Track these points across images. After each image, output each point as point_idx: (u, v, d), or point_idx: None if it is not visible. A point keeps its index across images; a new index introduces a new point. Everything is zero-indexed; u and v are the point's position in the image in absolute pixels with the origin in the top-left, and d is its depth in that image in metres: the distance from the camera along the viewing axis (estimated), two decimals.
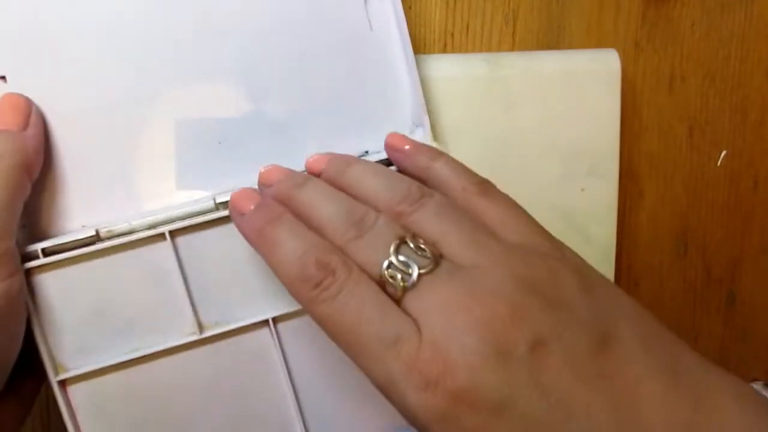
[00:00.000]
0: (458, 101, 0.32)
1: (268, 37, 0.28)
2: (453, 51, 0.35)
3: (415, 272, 0.21)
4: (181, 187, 0.28)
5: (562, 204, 0.34)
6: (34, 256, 0.25)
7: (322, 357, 0.28)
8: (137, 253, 0.26)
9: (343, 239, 0.22)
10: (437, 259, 0.21)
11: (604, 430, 0.18)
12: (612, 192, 0.34)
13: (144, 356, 0.26)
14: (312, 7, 0.28)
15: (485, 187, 0.25)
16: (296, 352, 0.28)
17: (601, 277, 0.23)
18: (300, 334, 0.28)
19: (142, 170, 0.28)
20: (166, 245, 0.26)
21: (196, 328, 0.27)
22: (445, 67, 0.32)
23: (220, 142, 0.28)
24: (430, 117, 0.30)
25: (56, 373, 0.26)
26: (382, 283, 0.21)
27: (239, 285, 0.27)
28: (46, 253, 0.26)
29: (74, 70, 0.27)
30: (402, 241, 0.21)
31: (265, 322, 0.27)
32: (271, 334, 0.27)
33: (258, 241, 0.23)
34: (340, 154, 0.27)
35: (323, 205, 0.23)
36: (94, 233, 0.26)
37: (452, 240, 0.22)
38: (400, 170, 0.27)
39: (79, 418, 0.26)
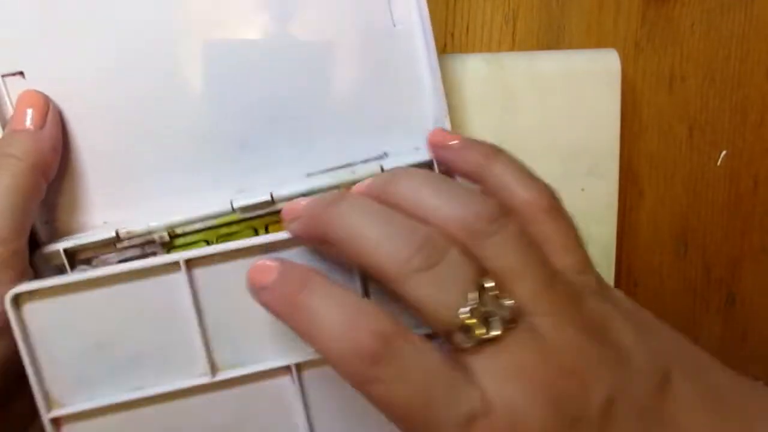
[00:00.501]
0: (458, 101, 0.32)
1: (289, 37, 0.28)
2: (453, 51, 0.35)
3: (497, 328, 0.18)
4: (200, 189, 0.27)
5: None
6: (59, 262, 0.25)
7: (349, 413, 0.25)
8: (149, 283, 0.23)
9: (403, 270, 0.18)
10: (517, 313, 0.19)
11: None
12: (612, 192, 0.34)
13: (149, 397, 0.23)
14: (335, 5, 0.28)
15: (553, 202, 0.22)
16: (321, 405, 0.24)
17: (643, 311, 0.22)
18: (326, 385, 0.24)
19: (162, 169, 0.27)
20: (181, 276, 0.23)
21: (208, 370, 0.23)
22: (445, 67, 0.32)
23: (242, 146, 0.28)
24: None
25: (49, 409, 0.23)
26: (447, 332, 0.18)
27: (260, 324, 0.23)
28: (68, 253, 0.25)
29: (93, 67, 0.27)
30: (482, 286, 0.18)
31: (287, 369, 0.24)
32: (293, 382, 0.24)
33: (290, 314, 0.19)
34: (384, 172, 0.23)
35: (367, 225, 0.19)
36: (114, 234, 0.26)
37: (529, 280, 0.19)
38: (445, 173, 0.25)
39: None
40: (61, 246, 0.26)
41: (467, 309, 0.18)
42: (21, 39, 0.26)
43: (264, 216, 0.28)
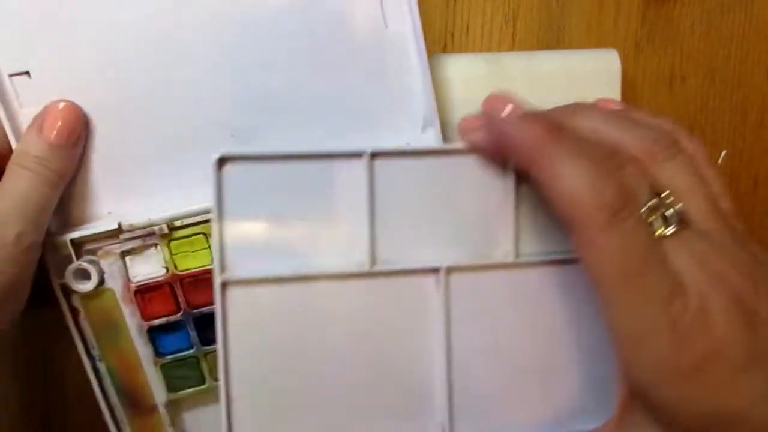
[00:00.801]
0: (458, 101, 0.32)
1: (284, 33, 0.28)
2: (453, 51, 0.35)
3: (674, 222, 0.20)
4: (198, 182, 0.27)
5: None
6: (66, 252, 0.27)
7: (484, 323, 0.26)
8: (331, 166, 0.25)
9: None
10: (688, 216, 0.21)
11: None
12: None
13: (311, 275, 0.25)
14: (329, 4, 0.28)
15: (707, 155, 0.24)
16: (460, 310, 0.26)
17: None
18: (468, 293, 0.26)
19: (162, 163, 0.28)
20: (363, 165, 0.25)
21: (368, 260, 0.25)
22: (445, 67, 0.32)
23: (232, 135, 0.28)
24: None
25: (222, 272, 0.25)
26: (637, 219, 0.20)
27: (420, 225, 0.26)
28: (75, 243, 0.27)
29: (95, 66, 0.27)
30: (656, 191, 0.21)
31: (435, 271, 0.26)
32: (438, 283, 0.26)
33: (536, 156, 0.21)
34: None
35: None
36: (117, 226, 0.27)
37: (699, 200, 0.22)
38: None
39: (230, 322, 0.25)
40: (68, 237, 0.27)
41: (650, 202, 0.20)
42: (26, 39, 0.27)
43: None
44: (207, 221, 0.27)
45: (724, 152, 0.38)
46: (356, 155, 0.25)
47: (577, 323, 0.27)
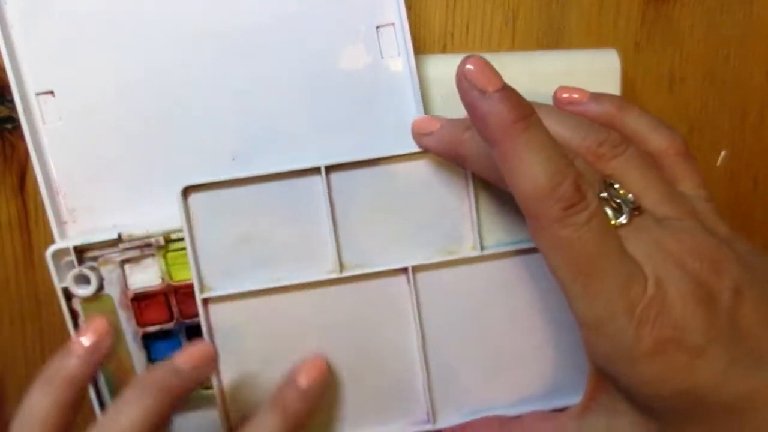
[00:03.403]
0: (458, 101, 0.32)
1: (284, 61, 0.30)
2: (453, 51, 0.35)
3: (626, 211, 0.21)
4: None
5: None
6: (69, 258, 0.28)
7: (456, 316, 0.28)
8: (292, 184, 0.27)
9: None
10: (641, 204, 0.22)
11: None
12: None
13: (283, 287, 0.27)
14: (329, 33, 0.30)
15: (684, 147, 0.25)
16: (431, 306, 0.28)
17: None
18: (438, 288, 0.28)
19: (164, 180, 0.30)
20: (320, 180, 0.27)
21: (337, 267, 0.27)
22: (445, 67, 0.32)
23: (233, 159, 0.30)
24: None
25: (201, 291, 0.28)
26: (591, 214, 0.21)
27: (384, 229, 0.27)
28: (77, 250, 0.28)
29: (112, 86, 0.30)
30: (607, 183, 0.22)
31: (404, 270, 0.27)
32: (408, 282, 0.27)
33: (503, 136, 0.21)
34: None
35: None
36: (117, 236, 0.29)
37: (651, 191, 0.22)
38: None
39: (216, 336, 0.28)
40: (71, 243, 0.29)
41: (600, 194, 0.21)
42: (52, 61, 0.29)
43: None
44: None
45: (723, 152, 0.38)
46: (313, 170, 0.27)
47: (547, 307, 0.28)
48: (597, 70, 0.33)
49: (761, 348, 0.21)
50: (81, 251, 0.29)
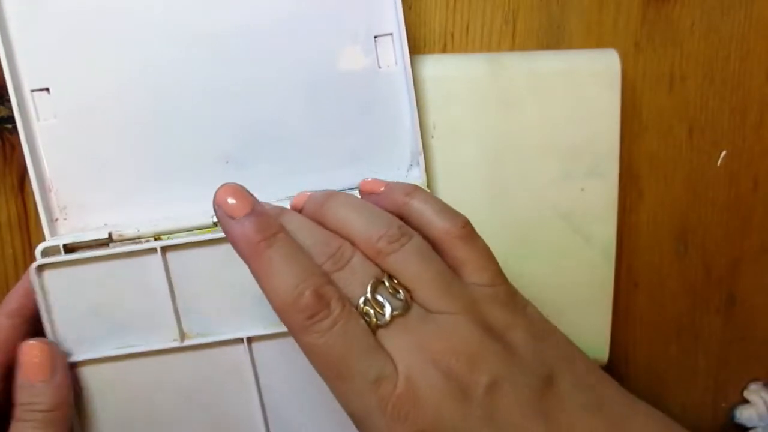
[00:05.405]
0: (458, 101, 0.32)
1: (281, 67, 0.30)
2: (453, 51, 0.35)
3: (388, 312, 0.22)
4: (188, 200, 0.31)
5: (562, 204, 0.34)
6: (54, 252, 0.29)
7: (293, 380, 0.30)
8: (133, 262, 0.29)
9: (320, 270, 0.23)
10: (409, 303, 0.23)
11: None
12: (612, 192, 0.34)
13: (131, 354, 0.29)
14: (326, 38, 0.30)
15: (467, 230, 0.25)
16: (269, 373, 0.30)
17: (550, 325, 0.25)
18: (274, 356, 0.30)
19: (157, 181, 0.31)
20: (157, 259, 0.28)
21: (178, 336, 0.29)
22: (445, 67, 0.32)
23: (227, 162, 0.30)
24: (430, 118, 0.30)
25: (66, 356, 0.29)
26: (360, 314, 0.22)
27: (222, 302, 0.29)
28: (67, 249, 0.29)
29: (106, 85, 0.30)
30: (379, 281, 0.23)
31: (241, 340, 0.29)
32: (246, 351, 0.29)
33: (251, 256, 0.23)
34: (322, 191, 0.27)
35: (297, 237, 0.24)
36: (107, 235, 0.29)
37: (426, 286, 0.23)
38: None
39: (84, 397, 0.29)
40: (61, 241, 0.29)
41: (363, 297, 0.22)
42: (48, 59, 0.29)
43: None
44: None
45: (723, 153, 0.38)
46: (151, 251, 0.28)
47: None
48: (597, 70, 0.33)
49: None
50: (71, 250, 0.29)
